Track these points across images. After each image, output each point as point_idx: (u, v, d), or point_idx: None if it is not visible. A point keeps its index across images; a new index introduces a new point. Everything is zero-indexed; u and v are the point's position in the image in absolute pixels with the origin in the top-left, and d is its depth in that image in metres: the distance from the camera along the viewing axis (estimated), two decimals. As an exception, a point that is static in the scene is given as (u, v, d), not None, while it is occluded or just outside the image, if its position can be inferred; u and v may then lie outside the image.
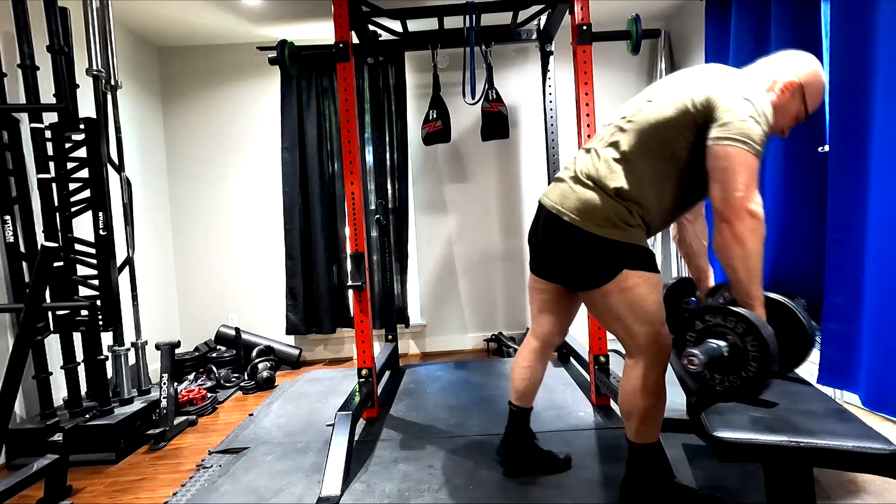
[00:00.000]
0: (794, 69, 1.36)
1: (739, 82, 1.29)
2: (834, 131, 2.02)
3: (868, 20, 1.88)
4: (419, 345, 3.78)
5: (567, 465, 1.82)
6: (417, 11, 2.75)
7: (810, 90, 1.34)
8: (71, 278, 2.24)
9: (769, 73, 1.39)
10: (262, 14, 3.18)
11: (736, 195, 1.18)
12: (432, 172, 3.72)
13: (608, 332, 2.37)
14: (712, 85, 1.30)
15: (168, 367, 2.40)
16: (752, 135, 1.19)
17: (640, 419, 1.44)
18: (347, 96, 2.28)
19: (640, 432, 1.46)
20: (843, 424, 1.07)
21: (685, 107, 1.31)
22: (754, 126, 1.20)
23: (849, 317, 2.00)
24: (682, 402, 2.15)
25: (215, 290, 3.69)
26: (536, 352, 1.73)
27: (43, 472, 1.74)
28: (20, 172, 2.18)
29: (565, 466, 1.81)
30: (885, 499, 1.54)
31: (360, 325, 2.31)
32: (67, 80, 2.24)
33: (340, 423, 1.91)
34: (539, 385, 1.79)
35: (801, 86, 1.34)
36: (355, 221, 2.31)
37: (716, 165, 1.23)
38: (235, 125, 3.66)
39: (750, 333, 1.14)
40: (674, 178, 1.35)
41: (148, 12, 3.06)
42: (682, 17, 3.48)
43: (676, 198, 1.40)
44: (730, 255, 1.21)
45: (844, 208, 2.00)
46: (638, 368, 1.41)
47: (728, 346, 1.17)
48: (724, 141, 1.21)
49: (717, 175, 1.23)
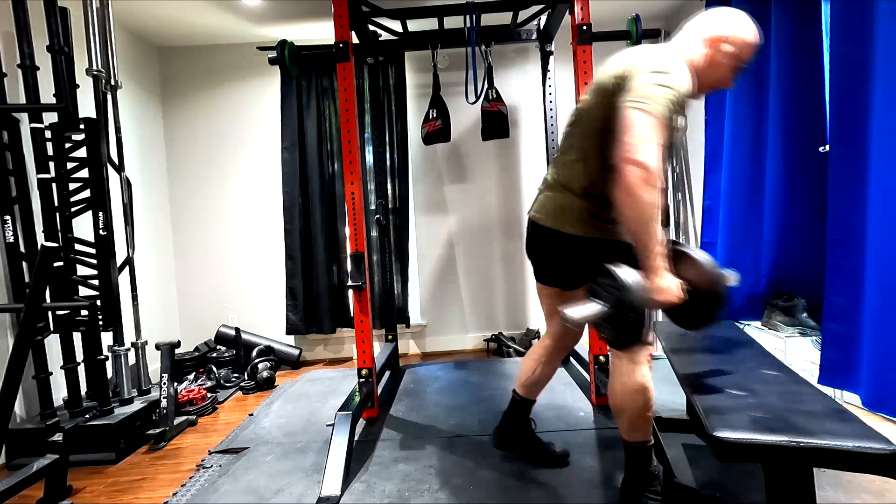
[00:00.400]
0: (716, 25, 1.40)
1: (651, 56, 1.34)
2: (834, 131, 2.02)
3: (868, 20, 1.88)
4: (419, 345, 3.78)
5: (564, 459, 1.84)
6: (417, 11, 2.75)
7: (736, 39, 1.39)
8: (71, 278, 2.24)
9: (694, 34, 1.44)
10: (262, 14, 3.18)
11: (626, 148, 1.23)
12: (432, 172, 3.72)
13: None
14: (628, 62, 1.36)
15: (168, 367, 2.40)
16: (650, 96, 1.24)
17: (628, 417, 1.47)
18: (347, 96, 2.28)
19: (630, 431, 1.49)
20: (843, 424, 1.07)
21: (606, 89, 1.37)
22: (656, 90, 1.25)
23: (849, 317, 2.00)
24: (682, 402, 2.16)
25: (215, 290, 3.69)
26: (548, 349, 1.79)
27: (43, 472, 1.74)
28: (20, 172, 2.18)
29: (561, 460, 1.83)
30: (885, 499, 1.54)
31: (360, 325, 2.31)
32: (67, 80, 2.24)
33: (340, 423, 1.91)
34: (545, 382, 1.83)
35: (725, 38, 1.38)
36: (355, 221, 2.31)
37: (618, 127, 1.28)
38: (235, 125, 3.66)
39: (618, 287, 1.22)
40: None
41: (148, 12, 3.06)
42: (682, 17, 3.48)
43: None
44: (622, 207, 1.26)
45: (845, 208, 2.00)
46: (621, 366, 1.44)
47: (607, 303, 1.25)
48: (625, 104, 1.27)
49: (617, 135, 1.28)
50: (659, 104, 1.23)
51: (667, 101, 1.24)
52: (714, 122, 3.03)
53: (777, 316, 2.59)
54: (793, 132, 2.45)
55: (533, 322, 3.75)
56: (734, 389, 1.30)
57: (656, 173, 1.21)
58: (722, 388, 1.32)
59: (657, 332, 2.06)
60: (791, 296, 2.58)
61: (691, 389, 1.34)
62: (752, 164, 2.73)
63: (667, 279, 1.27)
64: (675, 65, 1.31)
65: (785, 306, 2.56)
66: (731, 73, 1.43)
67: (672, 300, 1.27)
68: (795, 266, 2.58)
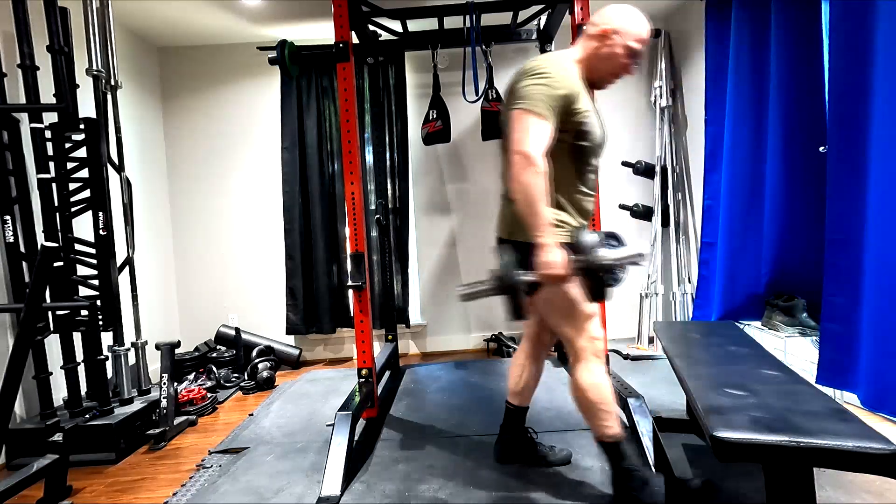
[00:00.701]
0: (605, 20, 1.49)
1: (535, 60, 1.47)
2: (833, 131, 2.02)
3: (868, 20, 1.88)
4: (419, 345, 3.78)
5: (567, 461, 1.84)
6: (417, 11, 2.75)
7: (623, 30, 1.47)
8: (71, 278, 2.24)
9: (588, 31, 1.54)
10: (262, 14, 3.18)
11: (513, 142, 1.39)
12: (432, 172, 3.72)
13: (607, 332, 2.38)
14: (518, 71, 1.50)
15: (168, 367, 2.40)
16: (529, 95, 1.39)
17: (589, 416, 1.55)
18: (347, 96, 2.28)
19: (597, 429, 1.55)
20: (843, 424, 1.07)
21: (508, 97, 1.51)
22: (533, 89, 1.40)
23: (848, 317, 2.00)
24: (682, 402, 2.16)
25: (215, 290, 3.69)
26: (528, 352, 1.83)
27: (43, 472, 1.74)
28: (20, 172, 2.18)
29: (564, 462, 1.83)
30: (885, 499, 1.54)
31: (360, 325, 2.31)
32: (67, 80, 2.24)
33: (340, 423, 1.91)
34: (534, 385, 1.84)
35: (614, 30, 1.47)
36: (355, 221, 2.31)
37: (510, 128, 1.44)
38: (235, 125, 3.66)
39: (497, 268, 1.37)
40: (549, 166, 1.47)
41: (148, 12, 3.06)
42: (682, 17, 3.48)
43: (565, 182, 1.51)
44: (513, 192, 1.41)
45: (843, 208, 2.00)
46: (575, 366, 1.54)
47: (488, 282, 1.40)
48: (512, 107, 1.43)
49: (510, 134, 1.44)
50: (537, 101, 1.38)
51: (544, 97, 1.38)
52: (714, 122, 3.03)
53: (777, 316, 2.59)
54: (793, 132, 2.45)
55: (533, 322, 3.75)
56: (734, 389, 1.30)
57: (537, 161, 1.35)
58: (722, 388, 1.32)
59: (657, 333, 2.06)
60: (791, 296, 2.58)
61: (691, 389, 1.34)
62: (752, 164, 2.73)
63: (551, 255, 1.34)
64: (551, 64, 1.44)
65: (785, 306, 2.56)
66: (625, 62, 1.50)
67: (557, 275, 1.33)
68: (795, 266, 2.58)
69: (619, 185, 3.69)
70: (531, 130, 1.37)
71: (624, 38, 1.47)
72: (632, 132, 3.71)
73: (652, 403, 2.01)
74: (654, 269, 3.53)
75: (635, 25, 1.47)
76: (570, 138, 1.47)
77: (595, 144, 1.51)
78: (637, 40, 1.48)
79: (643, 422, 1.86)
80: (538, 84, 1.40)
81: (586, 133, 1.47)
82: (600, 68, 1.52)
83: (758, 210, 2.70)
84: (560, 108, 1.41)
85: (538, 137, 1.37)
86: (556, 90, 1.39)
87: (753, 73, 2.68)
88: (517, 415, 1.86)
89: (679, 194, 3.56)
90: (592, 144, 1.51)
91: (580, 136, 1.47)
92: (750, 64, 2.69)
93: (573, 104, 1.43)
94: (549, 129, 1.38)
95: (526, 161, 1.35)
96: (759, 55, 2.64)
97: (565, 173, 1.51)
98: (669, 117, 3.53)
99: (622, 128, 3.70)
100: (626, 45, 1.47)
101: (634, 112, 3.71)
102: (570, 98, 1.42)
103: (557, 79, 1.40)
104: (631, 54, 1.49)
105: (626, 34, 1.47)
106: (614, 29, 1.47)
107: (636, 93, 3.70)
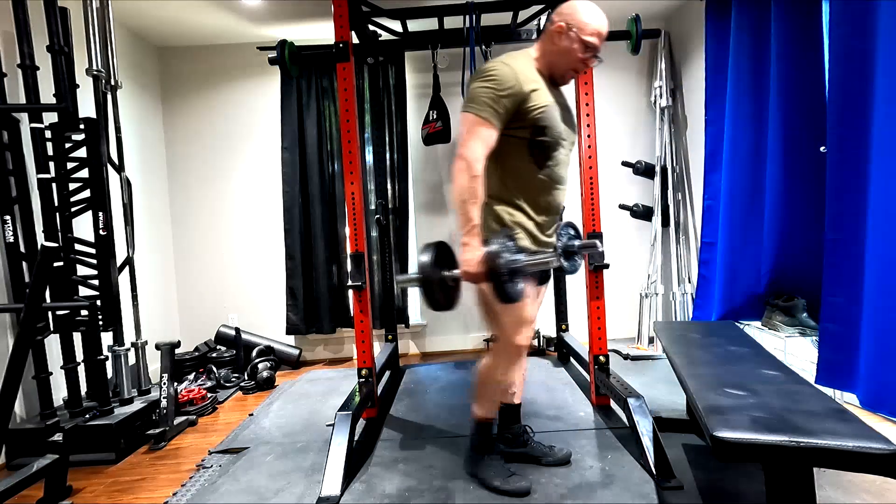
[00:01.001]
0: (560, 17, 1.53)
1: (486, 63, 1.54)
2: (833, 131, 2.02)
3: (868, 20, 1.88)
4: (419, 345, 3.78)
5: (567, 460, 1.84)
6: (417, 11, 2.74)
7: (577, 26, 1.50)
8: (71, 278, 2.24)
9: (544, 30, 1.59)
10: (262, 14, 3.18)
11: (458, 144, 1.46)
12: (432, 172, 3.72)
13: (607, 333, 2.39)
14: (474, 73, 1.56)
15: (168, 367, 2.40)
16: (474, 98, 1.46)
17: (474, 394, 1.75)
18: (347, 96, 2.28)
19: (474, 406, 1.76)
20: (843, 424, 1.07)
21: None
22: (478, 91, 1.46)
23: (847, 317, 2.00)
24: (682, 402, 2.16)
25: (215, 290, 3.69)
26: None
27: (43, 472, 1.74)
28: (20, 172, 2.18)
29: (564, 461, 1.83)
30: (885, 499, 1.54)
31: (360, 325, 2.31)
32: (67, 80, 2.24)
33: (340, 423, 1.91)
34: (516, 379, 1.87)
35: (569, 26, 1.50)
36: (355, 221, 2.31)
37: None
38: (235, 125, 3.66)
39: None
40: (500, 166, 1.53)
41: (148, 12, 3.06)
42: (682, 17, 3.48)
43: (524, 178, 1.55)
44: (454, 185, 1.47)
45: (843, 208, 2.00)
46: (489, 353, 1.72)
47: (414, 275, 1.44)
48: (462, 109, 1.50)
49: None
50: (481, 105, 1.44)
51: (489, 100, 1.44)
52: (714, 122, 3.03)
53: (777, 316, 2.59)
54: (793, 132, 2.45)
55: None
56: (734, 389, 1.30)
57: (473, 165, 1.41)
58: (722, 388, 1.32)
59: (657, 333, 2.07)
60: (791, 296, 2.58)
61: (691, 389, 1.34)
62: (752, 164, 2.73)
63: (468, 254, 1.39)
64: (502, 65, 1.48)
65: (785, 306, 2.56)
66: (582, 57, 1.53)
67: (471, 272, 1.38)
68: (795, 266, 2.58)
69: (619, 185, 3.70)
70: (472, 134, 1.44)
71: (580, 34, 1.50)
72: (632, 132, 3.71)
73: (652, 403, 2.01)
74: (654, 269, 3.53)
75: (591, 20, 1.50)
76: (528, 134, 1.51)
77: (555, 139, 1.54)
78: (592, 34, 1.50)
79: (643, 422, 1.86)
80: (484, 86, 1.45)
81: (544, 128, 1.51)
82: (559, 63, 1.56)
83: (758, 210, 2.70)
84: (510, 108, 1.46)
85: (478, 142, 1.43)
86: (501, 91, 1.44)
87: (753, 73, 2.68)
88: (509, 412, 1.89)
89: (679, 194, 3.56)
90: (552, 139, 1.54)
91: (538, 131, 1.51)
92: (750, 64, 2.69)
93: (525, 102, 1.47)
94: (491, 133, 1.45)
95: (464, 164, 1.42)
96: (759, 55, 2.64)
97: (526, 169, 1.55)
98: (669, 117, 3.53)
99: (622, 128, 3.70)
100: (581, 39, 1.50)
101: (634, 112, 3.71)
102: (520, 96, 1.46)
103: (504, 80, 1.45)
104: (587, 48, 1.52)
105: (582, 29, 1.50)
106: (569, 24, 1.50)
107: (636, 93, 3.71)
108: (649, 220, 3.61)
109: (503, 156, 1.52)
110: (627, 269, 3.68)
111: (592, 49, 1.52)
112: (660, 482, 1.65)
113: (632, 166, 3.66)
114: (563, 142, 1.58)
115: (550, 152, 1.55)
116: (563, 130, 1.57)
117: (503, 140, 1.50)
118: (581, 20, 1.50)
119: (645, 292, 3.55)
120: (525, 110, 1.48)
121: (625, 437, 2.00)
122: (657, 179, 3.55)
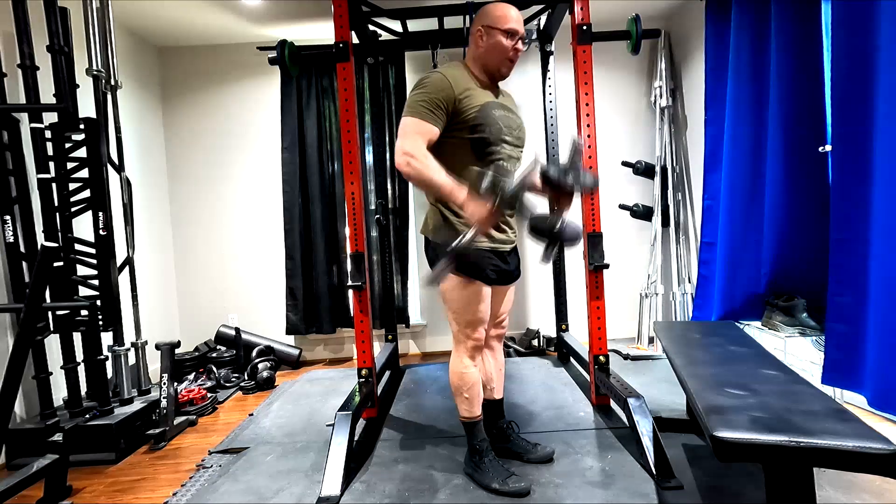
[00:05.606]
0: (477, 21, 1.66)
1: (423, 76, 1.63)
2: (836, 130, 2.02)
3: (868, 20, 1.88)
4: (419, 345, 3.78)
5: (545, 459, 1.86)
6: (417, 11, 2.75)
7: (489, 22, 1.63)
8: (71, 278, 2.24)
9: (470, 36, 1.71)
10: (262, 14, 3.18)
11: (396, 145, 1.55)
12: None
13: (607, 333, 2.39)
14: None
15: (168, 367, 2.40)
16: (409, 103, 1.58)
17: (454, 396, 1.80)
18: (347, 96, 2.28)
19: (458, 409, 1.80)
20: (843, 424, 1.07)
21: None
22: (413, 97, 1.58)
23: (854, 317, 1.98)
24: (682, 402, 2.16)
25: (215, 290, 3.69)
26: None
27: (43, 472, 1.74)
28: (20, 172, 2.18)
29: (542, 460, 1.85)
30: (885, 499, 1.54)
31: (360, 325, 2.31)
32: (67, 80, 2.24)
33: (340, 423, 1.91)
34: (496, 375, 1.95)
35: (486, 25, 1.63)
36: (355, 221, 2.31)
37: None
38: (235, 125, 3.66)
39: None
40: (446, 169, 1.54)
41: (148, 12, 3.06)
42: (682, 17, 3.48)
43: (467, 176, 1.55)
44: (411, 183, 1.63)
45: (848, 208, 1.99)
46: (452, 353, 1.83)
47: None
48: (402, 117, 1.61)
49: None
50: (416, 107, 1.55)
51: (422, 103, 1.55)
52: (714, 121, 3.03)
53: (777, 316, 2.59)
54: (793, 132, 2.44)
55: (533, 322, 3.75)
56: (734, 389, 1.30)
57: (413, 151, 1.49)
58: (722, 388, 1.32)
59: (657, 333, 2.06)
60: (791, 296, 2.58)
61: (691, 389, 1.34)
62: (752, 163, 2.73)
63: (472, 206, 1.42)
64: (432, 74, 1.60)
65: (785, 306, 2.56)
66: (508, 45, 1.63)
67: (484, 219, 1.39)
68: (795, 266, 2.58)
69: (619, 185, 3.70)
70: (407, 130, 1.54)
71: (499, 26, 1.61)
72: (632, 132, 3.71)
73: (652, 403, 2.01)
74: (654, 269, 3.53)
75: (503, 12, 1.62)
76: (467, 133, 1.61)
77: (495, 135, 1.61)
78: (503, 22, 1.61)
79: (643, 422, 1.85)
80: (419, 93, 1.57)
81: (479, 126, 1.59)
82: (491, 60, 1.66)
83: (758, 210, 2.70)
84: (446, 110, 1.56)
85: (414, 135, 1.53)
86: (433, 95, 1.55)
87: (753, 72, 2.68)
88: (492, 407, 1.93)
89: (679, 194, 3.56)
90: (492, 136, 1.61)
91: (474, 129, 1.60)
92: (750, 64, 2.69)
93: (460, 103, 1.58)
94: (429, 127, 1.54)
95: (405, 156, 1.50)
96: (759, 55, 2.64)
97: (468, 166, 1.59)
98: (669, 117, 3.53)
99: (622, 128, 3.70)
100: (502, 30, 1.61)
101: (634, 112, 3.71)
102: (452, 98, 1.57)
103: (434, 86, 1.56)
104: (510, 36, 1.62)
105: (494, 23, 1.62)
106: (481, 25, 1.64)
107: (636, 93, 3.71)
108: (649, 220, 3.61)
109: (447, 156, 1.58)
110: (627, 269, 3.68)
111: (514, 35, 1.62)
112: (660, 482, 1.65)
113: (632, 166, 3.66)
114: (506, 138, 1.65)
115: (493, 147, 1.62)
116: (504, 128, 1.64)
117: (446, 143, 1.59)
118: (494, 16, 1.62)
119: (645, 292, 3.55)
120: (460, 111, 1.58)
121: (625, 437, 2.00)
122: (657, 179, 3.55)
